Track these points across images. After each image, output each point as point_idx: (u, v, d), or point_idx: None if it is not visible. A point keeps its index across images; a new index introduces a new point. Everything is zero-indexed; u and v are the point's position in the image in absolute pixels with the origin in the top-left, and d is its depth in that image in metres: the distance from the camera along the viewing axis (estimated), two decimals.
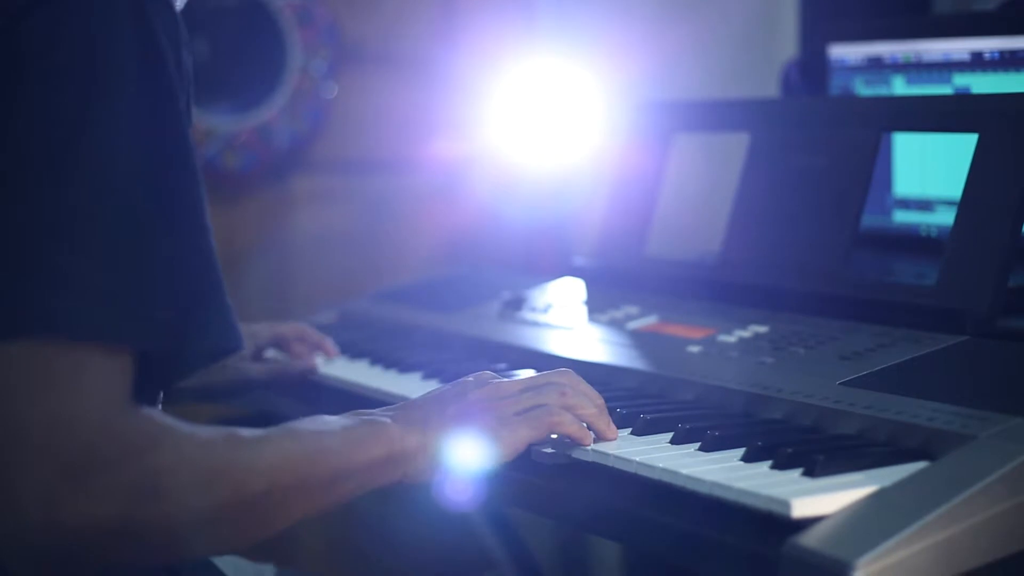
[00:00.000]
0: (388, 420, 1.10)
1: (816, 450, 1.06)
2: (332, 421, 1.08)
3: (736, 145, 1.65)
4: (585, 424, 1.17)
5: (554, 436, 1.18)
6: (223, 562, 1.28)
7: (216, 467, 0.94)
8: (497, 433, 1.13)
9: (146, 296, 0.92)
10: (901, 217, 1.83)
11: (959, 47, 1.74)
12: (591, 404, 1.18)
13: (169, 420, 0.93)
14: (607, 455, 1.14)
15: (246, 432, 0.99)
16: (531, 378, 1.20)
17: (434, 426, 1.12)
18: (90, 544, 0.88)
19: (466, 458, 1.12)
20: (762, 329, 1.43)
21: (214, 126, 2.22)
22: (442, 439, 1.11)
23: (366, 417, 1.11)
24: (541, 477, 1.19)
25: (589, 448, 1.16)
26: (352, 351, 1.67)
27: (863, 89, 1.87)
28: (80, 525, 0.87)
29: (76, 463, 0.86)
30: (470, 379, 1.19)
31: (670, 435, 1.17)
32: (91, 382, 0.89)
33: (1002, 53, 1.70)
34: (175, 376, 0.99)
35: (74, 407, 0.87)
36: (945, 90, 1.76)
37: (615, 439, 1.18)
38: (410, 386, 1.47)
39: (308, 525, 1.02)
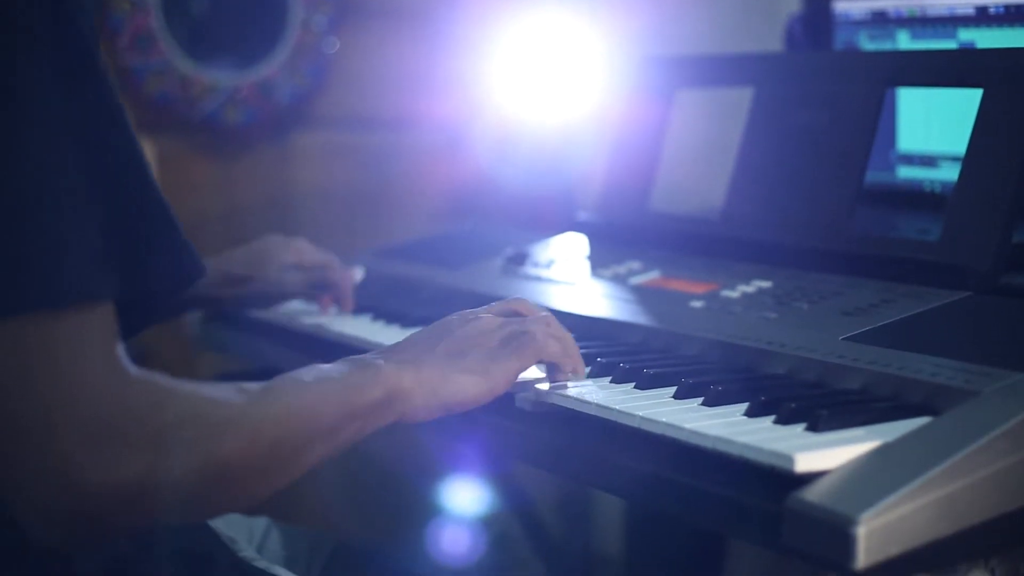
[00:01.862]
0: (381, 362, 1.11)
1: (819, 405, 1.06)
2: (329, 368, 1.09)
3: (739, 100, 1.65)
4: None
5: (539, 369, 1.21)
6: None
7: (227, 419, 0.95)
8: (487, 366, 1.15)
9: (108, 246, 0.91)
10: (905, 173, 1.82)
11: (964, 1, 1.73)
12: (570, 339, 1.22)
13: (171, 380, 0.94)
14: (611, 409, 1.14)
15: (251, 385, 1.00)
16: (512, 308, 1.23)
17: (427, 364, 1.13)
18: (113, 507, 0.88)
19: (459, 393, 1.14)
20: (765, 284, 1.43)
21: (215, 81, 2.21)
22: (435, 376, 1.13)
23: (359, 361, 1.12)
24: (543, 431, 1.19)
25: (592, 402, 1.16)
26: (355, 307, 1.67)
27: (867, 44, 1.86)
28: (102, 491, 0.87)
29: (91, 431, 0.87)
30: (453, 317, 1.21)
31: (673, 390, 1.18)
32: (86, 345, 0.89)
33: (1007, 7, 1.69)
34: (146, 316, 1.00)
35: (77, 376, 0.88)
36: (950, 45, 1.75)
37: (584, 376, 1.22)
38: None
39: (302, 477, 1.03)
